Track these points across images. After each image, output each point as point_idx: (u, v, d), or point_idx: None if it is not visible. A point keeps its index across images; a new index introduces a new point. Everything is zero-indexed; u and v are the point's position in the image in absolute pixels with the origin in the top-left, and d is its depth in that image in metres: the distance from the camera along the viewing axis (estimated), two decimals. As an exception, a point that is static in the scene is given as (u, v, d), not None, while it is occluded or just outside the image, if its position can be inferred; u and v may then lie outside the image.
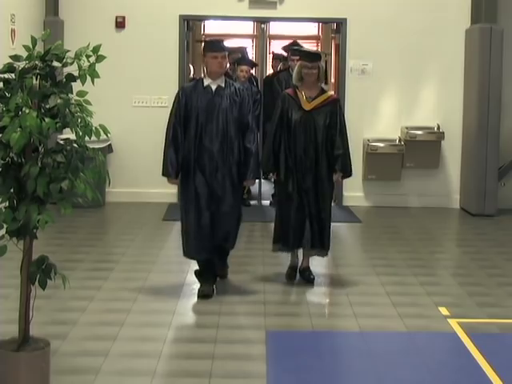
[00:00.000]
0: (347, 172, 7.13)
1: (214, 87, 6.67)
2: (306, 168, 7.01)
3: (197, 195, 6.63)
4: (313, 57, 7.12)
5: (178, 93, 6.78)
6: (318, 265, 7.52)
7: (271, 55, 13.20)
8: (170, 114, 6.71)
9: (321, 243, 7.09)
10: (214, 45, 6.76)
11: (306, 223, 7.04)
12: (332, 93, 7.39)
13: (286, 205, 7.07)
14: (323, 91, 7.13)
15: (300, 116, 7.01)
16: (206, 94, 6.65)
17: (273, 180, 7.74)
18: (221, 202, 6.66)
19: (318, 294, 6.97)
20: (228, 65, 7.22)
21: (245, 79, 10.57)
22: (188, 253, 6.80)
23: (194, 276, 6.85)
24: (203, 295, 6.62)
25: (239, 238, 7.01)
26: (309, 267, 7.21)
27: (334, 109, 7.06)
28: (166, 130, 6.70)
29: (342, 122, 7.09)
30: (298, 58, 11.00)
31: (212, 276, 6.80)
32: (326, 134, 7.01)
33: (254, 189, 10.96)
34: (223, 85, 6.69)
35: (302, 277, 7.17)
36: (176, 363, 5.23)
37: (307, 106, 7.03)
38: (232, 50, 12.17)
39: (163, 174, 6.76)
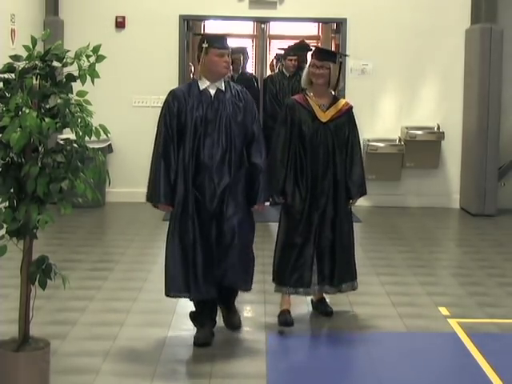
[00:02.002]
0: (365, 194, 6.16)
1: (212, 91, 5.48)
2: (323, 192, 5.89)
3: (194, 225, 5.43)
4: (324, 55, 5.94)
5: (167, 98, 5.50)
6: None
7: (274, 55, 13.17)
8: (159, 123, 5.48)
9: (339, 278, 6.00)
10: (220, 40, 5.53)
11: (316, 257, 5.94)
12: (345, 100, 6.23)
13: (294, 235, 5.93)
14: (335, 98, 6.01)
15: (316, 129, 5.86)
16: (203, 99, 5.45)
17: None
18: (224, 233, 5.47)
19: (317, 294, 6.97)
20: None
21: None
22: (176, 290, 5.50)
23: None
24: (200, 343, 5.49)
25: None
26: (324, 298, 6.25)
27: (350, 120, 6.00)
28: (153, 145, 5.48)
29: (357, 136, 6.05)
30: (294, 57, 11.07)
31: (211, 320, 5.69)
32: (346, 151, 5.94)
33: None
34: (223, 88, 5.53)
35: (317, 310, 6.22)
36: (176, 363, 5.23)
37: (323, 117, 5.88)
38: (233, 51, 12.23)
39: (150, 200, 5.50)
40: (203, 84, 5.51)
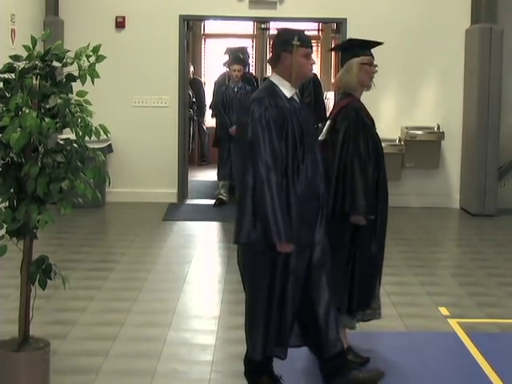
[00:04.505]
0: None
1: (297, 99, 4.55)
2: (384, 204, 5.07)
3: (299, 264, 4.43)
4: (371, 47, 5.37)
5: (261, 102, 4.36)
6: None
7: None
8: (255, 131, 4.30)
9: None
10: (309, 39, 4.57)
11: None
12: None
13: (378, 257, 5.25)
14: None
15: (379, 137, 5.10)
16: (296, 109, 4.48)
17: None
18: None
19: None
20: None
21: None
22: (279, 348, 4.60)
23: (194, 277, 6.78)
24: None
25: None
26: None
27: None
28: (249, 157, 4.31)
29: None
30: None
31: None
32: None
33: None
34: None
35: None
36: (176, 363, 5.23)
37: (374, 124, 5.15)
38: (233, 51, 12.26)
39: (261, 240, 4.26)
40: (288, 90, 4.50)
